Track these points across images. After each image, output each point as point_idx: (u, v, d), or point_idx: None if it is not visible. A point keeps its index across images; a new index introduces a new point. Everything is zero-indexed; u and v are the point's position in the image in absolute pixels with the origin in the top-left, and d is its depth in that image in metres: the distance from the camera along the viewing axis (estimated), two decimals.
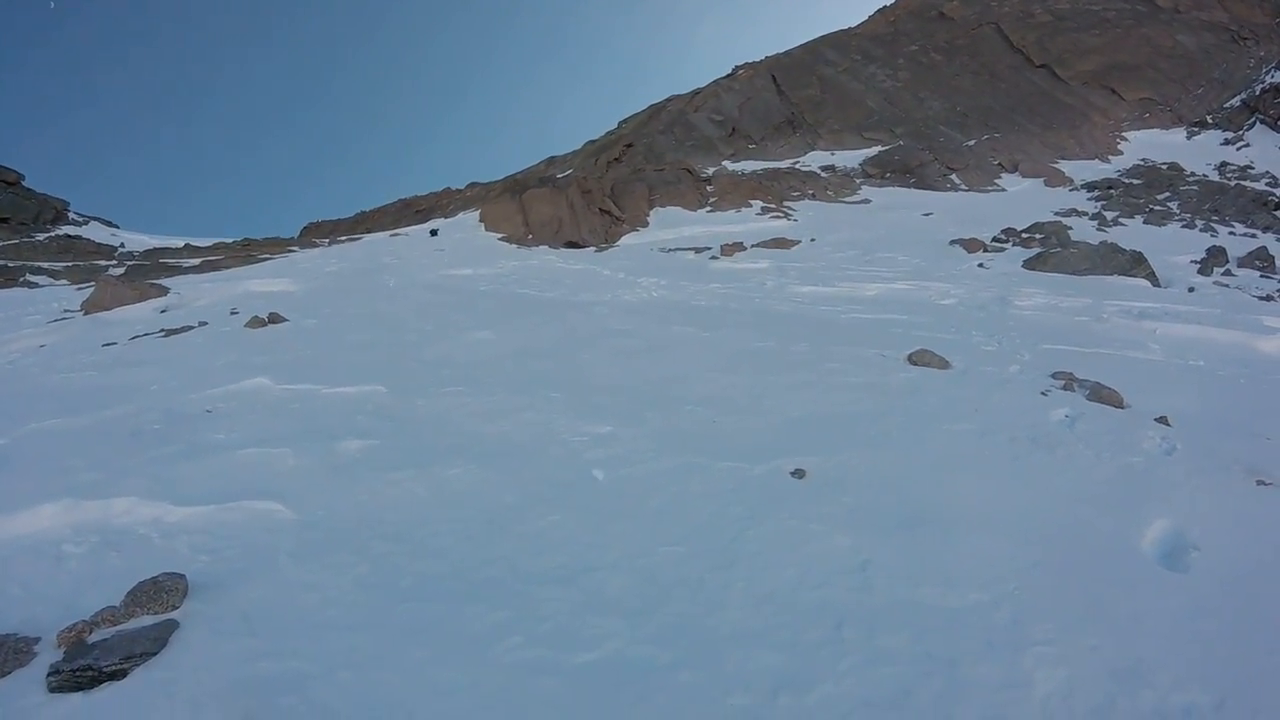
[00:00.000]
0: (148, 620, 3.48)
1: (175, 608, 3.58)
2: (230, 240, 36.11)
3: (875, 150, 45.40)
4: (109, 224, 40.01)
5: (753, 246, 23.62)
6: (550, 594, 3.74)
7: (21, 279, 23.69)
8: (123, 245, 34.52)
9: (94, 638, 3.36)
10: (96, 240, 34.69)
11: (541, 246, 26.86)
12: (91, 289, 16.05)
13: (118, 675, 3.14)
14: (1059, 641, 3.38)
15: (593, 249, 26.81)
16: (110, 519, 4.62)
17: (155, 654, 3.26)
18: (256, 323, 11.32)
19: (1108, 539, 4.35)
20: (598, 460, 5.51)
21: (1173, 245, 23.18)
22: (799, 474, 5.12)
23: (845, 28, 66.09)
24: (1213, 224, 28.23)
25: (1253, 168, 39.55)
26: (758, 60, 60.19)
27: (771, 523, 4.45)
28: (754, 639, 3.40)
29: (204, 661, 3.25)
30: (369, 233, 36.99)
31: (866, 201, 35.26)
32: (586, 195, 30.69)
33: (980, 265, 19.69)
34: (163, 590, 3.61)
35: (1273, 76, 49.00)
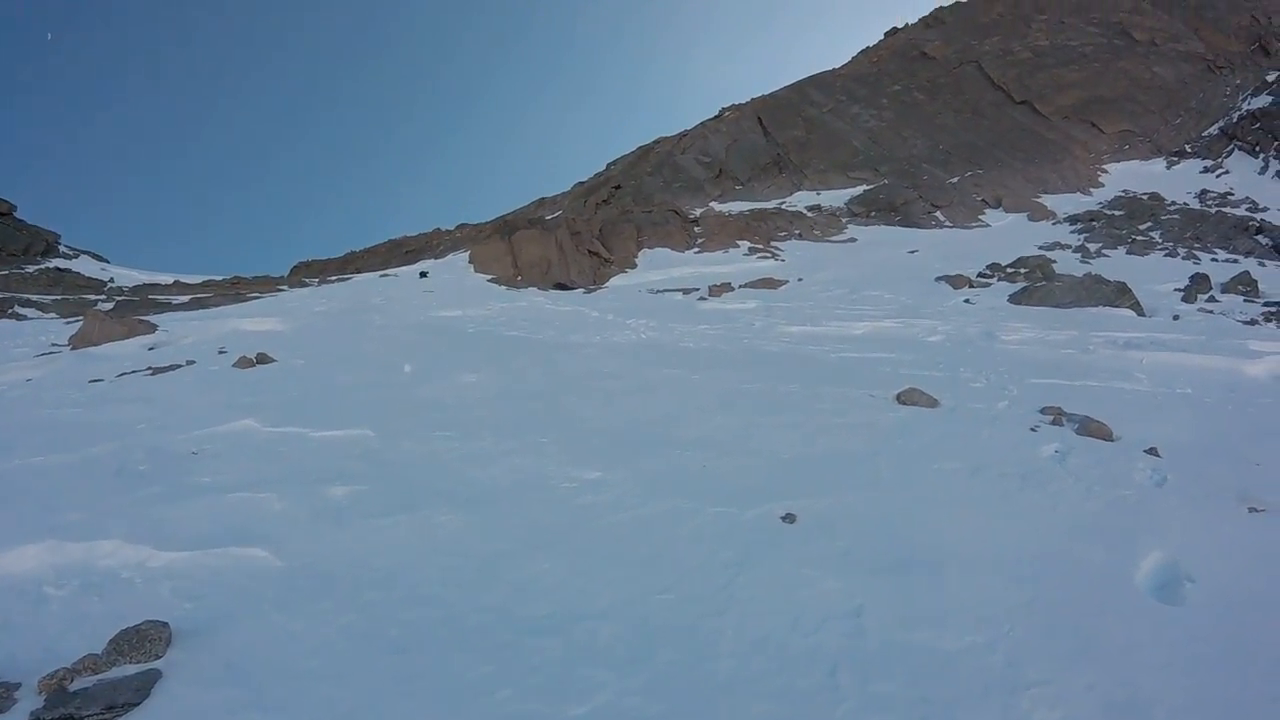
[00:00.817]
0: (130, 669, 3.42)
1: (158, 656, 3.52)
2: (220, 278, 36.13)
3: (860, 189, 45.77)
4: (99, 258, 39.99)
5: (741, 287, 23.73)
6: (540, 644, 3.68)
7: (10, 311, 23.60)
8: (112, 280, 34.50)
9: (75, 685, 3.30)
10: (86, 274, 34.66)
11: (530, 288, 26.90)
12: (80, 323, 15.97)
13: None
14: (1055, 681, 3.35)
15: (581, 290, 26.87)
16: (93, 561, 4.56)
17: (138, 704, 3.20)
18: (244, 362, 11.29)
19: (1101, 574, 4.33)
20: (588, 505, 5.47)
21: (1156, 274, 23.38)
22: (789, 518, 5.09)
23: (829, 69, 66.95)
24: (1195, 251, 28.52)
25: (1232, 194, 40.08)
26: (744, 102, 60.83)
27: (763, 568, 4.41)
28: (747, 687, 3.35)
29: (187, 713, 3.19)
30: (358, 272, 37.03)
31: (853, 240, 35.48)
32: (575, 236, 30.81)
33: (966, 301, 19.79)
34: (145, 639, 3.55)
35: (1249, 104, 49.82)
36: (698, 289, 23.85)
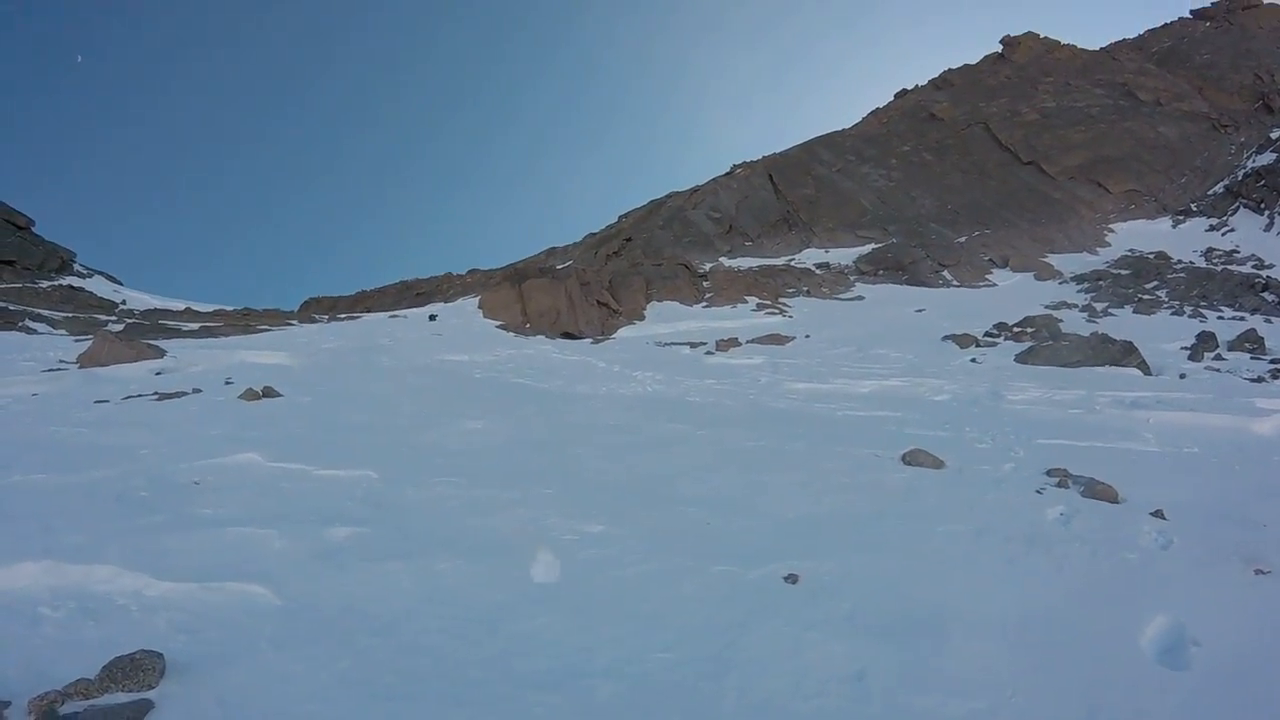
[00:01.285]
0: (122, 697, 3.38)
1: (151, 687, 3.48)
2: (230, 308, 36.30)
3: (869, 247, 45.98)
4: (113, 279, 40.25)
5: (748, 342, 23.75)
6: (538, 699, 3.63)
7: (21, 324, 23.67)
8: (124, 302, 34.69)
9: (66, 709, 3.27)
10: (99, 294, 34.85)
11: (539, 336, 27.00)
12: (89, 342, 16.02)
13: None
14: None
15: (589, 340, 26.96)
16: (90, 585, 4.53)
17: None
18: (251, 395, 11.29)
19: (1106, 638, 4.29)
20: (591, 559, 5.45)
21: (1163, 333, 23.40)
22: (793, 579, 5.05)
23: (839, 128, 67.65)
24: (1201, 309, 28.54)
25: (1238, 252, 40.19)
26: (755, 159, 61.39)
27: (765, 629, 4.37)
28: None
29: None
30: (368, 311, 37.22)
31: (860, 298, 35.58)
32: (585, 287, 30.97)
33: (973, 360, 19.77)
34: (139, 668, 3.52)
35: (1253, 161, 50.10)
36: (705, 343, 23.89)
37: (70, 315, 27.42)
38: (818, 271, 41.17)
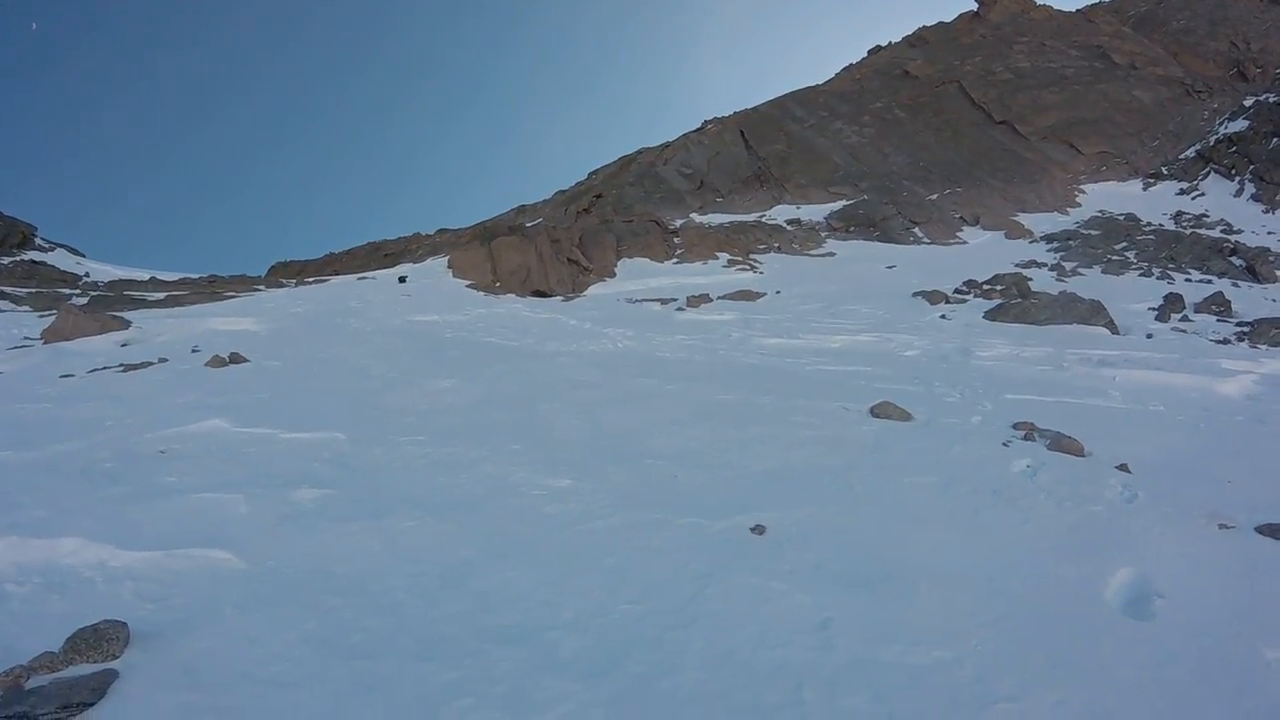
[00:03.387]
0: (87, 668, 3.36)
1: (115, 657, 3.47)
2: (196, 276, 35.77)
3: (840, 204, 45.92)
4: (75, 252, 39.52)
5: (719, 298, 23.73)
6: (504, 653, 3.64)
7: None
8: (87, 275, 34.14)
9: (31, 683, 3.24)
10: (62, 268, 34.29)
11: (509, 295, 26.83)
12: (53, 317, 15.81)
13: None
14: (1023, 697, 3.34)
15: (560, 298, 26.82)
16: (55, 559, 4.50)
17: (93, 704, 3.15)
18: (217, 362, 11.19)
19: (1071, 590, 4.33)
20: (557, 514, 5.42)
21: (1131, 293, 23.61)
22: (759, 530, 5.06)
23: (812, 84, 67.24)
24: (1169, 271, 28.84)
25: (1207, 216, 40.53)
26: (726, 115, 61.00)
27: (731, 580, 4.38)
28: (712, 701, 3.32)
29: (142, 716, 3.13)
30: (337, 274, 36.81)
31: (831, 254, 35.57)
32: (555, 244, 30.74)
33: (943, 317, 19.88)
34: (103, 638, 3.49)
35: (1225, 128, 50.38)
36: (676, 300, 23.83)
37: (34, 291, 26.94)
38: (789, 228, 41.08)
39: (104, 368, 11.32)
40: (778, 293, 24.99)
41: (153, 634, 3.70)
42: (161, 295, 25.80)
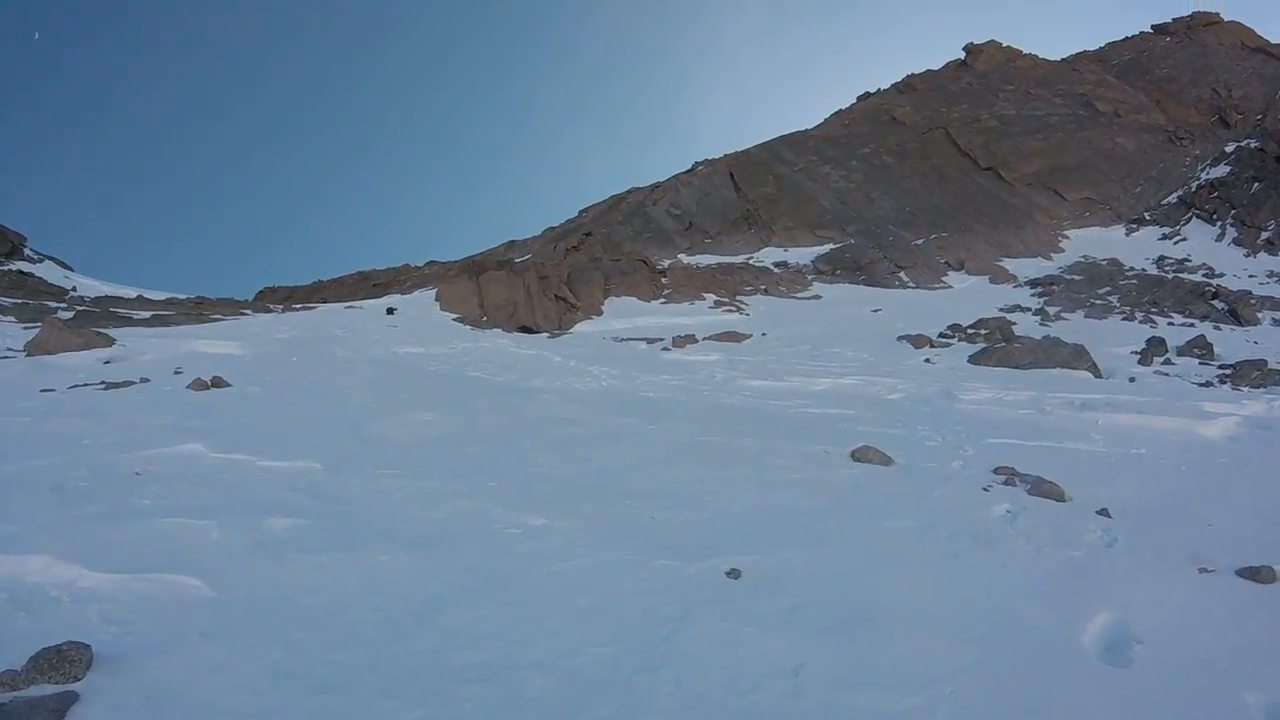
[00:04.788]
0: (48, 689, 3.31)
1: (77, 679, 3.41)
2: (183, 296, 35.53)
3: (827, 247, 46.23)
4: (63, 265, 39.21)
5: (705, 339, 23.80)
6: (470, 693, 3.58)
7: None
8: (75, 289, 33.84)
9: None
10: (49, 280, 33.98)
11: (495, 329, 26.83)
12: (37, 330, 15.69)
13: None
14: None
15: (546, 335, 26.84)
16: (23, 576, 4.43)
17: None
18: (199, 385, 11.11)
19: (1048, 635, 4.31)
20: (531, 552, 5.37)
21: (1114, 337, 23.78)
22: (734, 574, 5.02)
23: (802, 129, 67.92)
24: (1152, 315, 29.06)
25: (1189, 260, 40.99)
26: (717, 157, 61.51)
27: (704, 624, 4.34)
28: None
29: None
30: (324, 302, 36.72)
31: (817, 297, 35.77)
32: (543, 281, 30.82)
33: (927, 360, 19.96)
34: (66, 659, 3.44)
35: (1207, 173, 51.09)
36: (662, 339, 23.88)
37: (20, 302, 26.71)
38: (776, 270, 41.32)
39: (85, 384, 11.23)
40: (763, 334, 25.09)
41: (116, 657, 3.64)
42: (148, 314, 25.63)
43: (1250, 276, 36.87)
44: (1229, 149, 52.73)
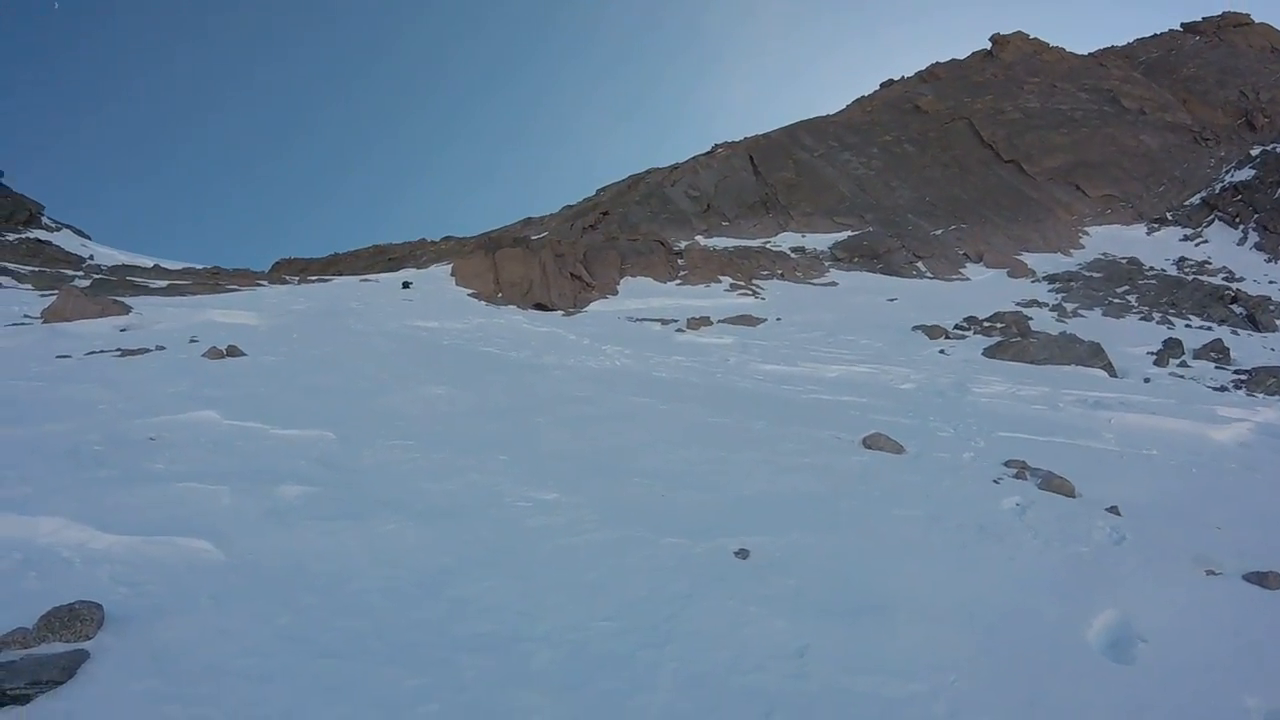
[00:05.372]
0: (59, 647, 3.35)
1: (88, 638, 3.45)
2: (200, 267, 35.68)
3: (845, 235, 45.99)
4: (81, 234, 39.46)
5: (719, 322, 23.75)
6: (474, 662, 3.61)
7: None
8: (91, 257, 34.09)
9: (2, 657, 3.23)
10: (67, 249, 34.23)
11: (510, 306, 26.86)
12: (54, 297, 15.78)
13: (21, 699, 3.02)
14: None
15: (560, 312, 26.85)
16: (35, 537, 4.48)
17: (62, 683, 3.13)
18: (214, 354, 11.19)
19: (1052, 629, 4.31)
20: (540, 526, 5.39)
21: (1130, 337, 23.63)
22: (743, 554, 5.03)
23: (823, 114, 67.51)
24: (1170, 317, 28.81)
25: (1210, 263, 40.55)
26: (737, 140, 61.21)
27: (710, 602, 4.35)
28: None
29: (109, 698, 3.10)
30: (340, 275, 36.83)
31: (833, 284, 35.61)
32: (559, 259, 30.78)
33: (941, 352, 19.88)
34: (77, 618, 3.48)
35: (1231, 176, 50.50)
36: (676, 321, 23.85)
37: (37, 269, 26.88)
38: (793, 255, 41.16)
39: (101, 351, 11.32)
40: (778, 319, 25.02)
41: (127, 618, 3.68)
42: (164, 283, 25.77)
43: (1271, 282, 36.50)
44: (1254, 152, 52.09)
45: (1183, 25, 76.47)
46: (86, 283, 24.04)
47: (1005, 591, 4.76)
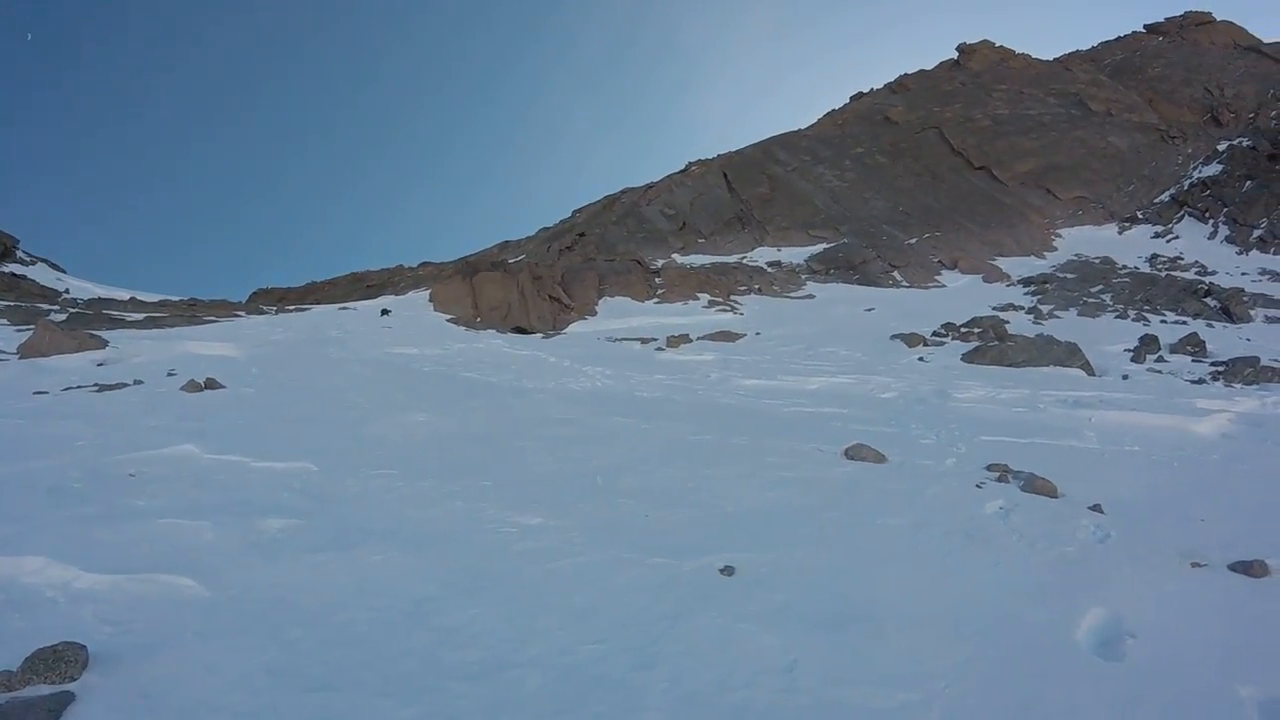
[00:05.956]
0: (44, 689, 3.31)
1: (73, 679, 3.41)
2: (176, 298, 35.40)
3: (821, 247, 46.21)
4: (56, 267, 39.04)
5: (699, 339, 23.80)
6: (464, 690, 3.58)
7: None
8: (67, 291, 33.71)
9: None
10: (42, 282, 33.84)
11: (489, 330, 26.83)
12: (30, 332, 15.67)
13: None
14: None
15: (540, 335, 26.84)
16: (18, 577, 4.44)
17: None
18: (193, 387, 11.13)
19: (1041, 631, 4.32)
20: (526, 551, 5.37)
21: (1107, 335, 23.81)
22: (728, 571, 5.04)
23: (796, 129, 67.92)
24: (1145, 314, 29.08)
25: (1182, 258, 41.03)
26: (710, 157, 61.49)
27: (698, 621, 4.35)
28: None
29: None
30: (318, 303, 36.66)
31: (811, 297, 35.76)
32: (537, 281, 30.81)
33: (920, 359, 19.98)
34: (61, 659, 3.44)
35: (1200, 172, 51.17)
36: (656, 339, 23.88)
37: (12, 304, 26.61)
38: (770, 270, 41.31)
39: (78, 386, 11.25)
40: (757, 334, 25.09)
41: (112, 657, 3.64)
42: (141, 316, 25.57)
43: (1243, 274, 36.96)
44: (1221, 148, 52.84)
45: (1146, 26, 77.65)
46: (63, 317, 23.84)
47: (992, 595, 4.77)
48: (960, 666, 3.90)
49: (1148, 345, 21.17)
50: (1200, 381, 16.81)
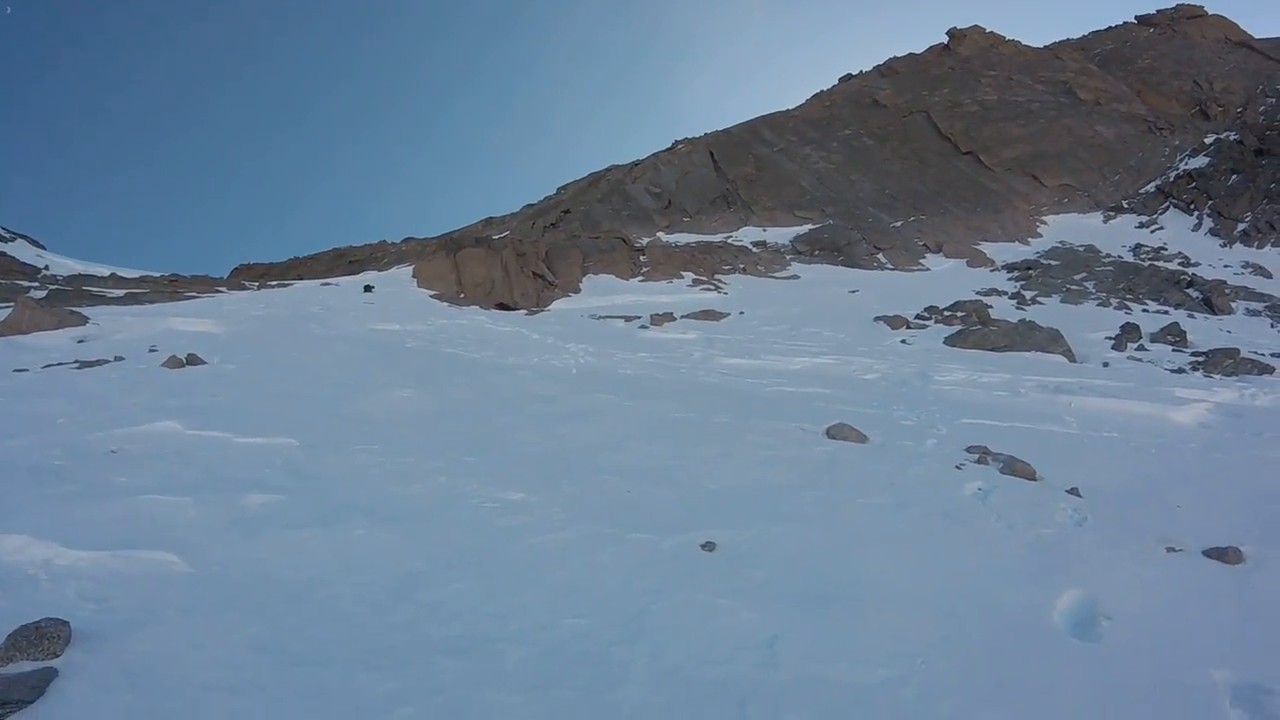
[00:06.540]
0: (27, 666, 3.31)
1: (56, 655, 3.41)
2: (157, 275, 35.12)
3: (806, 228, 46.20)
4: (35, 243, 38.73)
5: (682, 317, 23.78)
6: (447, 664, 3.61)
7: None
8: (47, 267, 33.48)
9: None
10: (21, 259, 33.55)
11: (473, 306, 26.74)
12: (9, 310, 15.47)
13: None
14: (966, 717, 3.37)
15: (524, 312, 26.76)
16: (0, 555, 4.42)
17: (31, 703, 3.10)
18: (174, 363, 11.03)
19: (1018, 611, 4.38)
20: (508, 527, 5.39)
21: (1089, 323, 23.91)
22: (709, 547, 5.08)
23: (783, 110, 67.74)
24: (1127, 302, 29.22)
25: (1166, 249, 41.22)
26: (697, 136, 61.32)
27: (679, 596, 4.39)
28: (654, 716, 3.32)
29: (80, 716, 3.08)
30: (300, 279, 36.41)
31: (796, 277, 35.76)
32: (521, 258, 30.68)
33: (903, 341, 20.03)
34: (44, 636, 3.44)
35: (1186, 164, 51.43)
36: (639, 317, 23.85)
37: None
38: (755, 250, 41.27)
39: (59, 364, 11.13)
40: (741, 313, 25.08)
41: (95, 634, 3.64)
42: (121, 292, 25.33)
43: (1225, 266, 37.18)
44: (1208, 141, 53.12)
45: (1137, 18, 77.65)
46: (42, 293, 23.59)
47: (971, 575, 4.83)
48: (938, 645, 3.95)
49: (1129, 334, 21.30)
50: (1180, 371, 16.94)
